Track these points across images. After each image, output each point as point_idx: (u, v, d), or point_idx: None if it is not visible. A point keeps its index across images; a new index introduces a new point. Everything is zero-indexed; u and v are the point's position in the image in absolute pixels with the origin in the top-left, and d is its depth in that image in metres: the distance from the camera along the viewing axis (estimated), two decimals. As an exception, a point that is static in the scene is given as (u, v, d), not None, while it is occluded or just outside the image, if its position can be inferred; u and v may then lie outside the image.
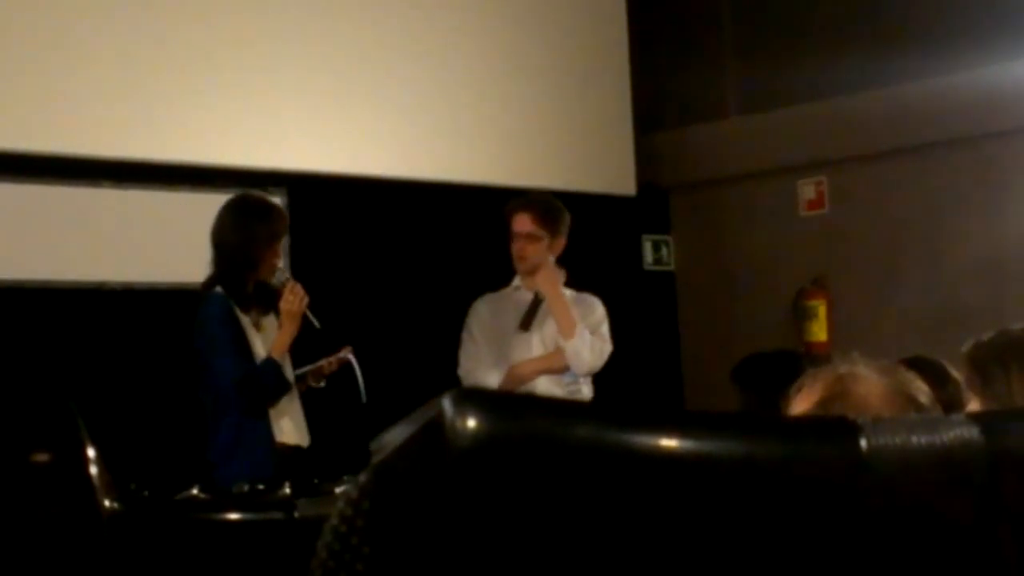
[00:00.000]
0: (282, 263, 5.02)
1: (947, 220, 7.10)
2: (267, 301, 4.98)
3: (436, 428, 0.94)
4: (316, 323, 5.00)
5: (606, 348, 5.51)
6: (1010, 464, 1.02)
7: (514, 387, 5.38)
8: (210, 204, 5.09)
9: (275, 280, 4.98)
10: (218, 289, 4.86)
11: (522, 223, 5.48)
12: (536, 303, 5.48)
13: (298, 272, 6.45)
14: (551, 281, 5.47)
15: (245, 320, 4.89)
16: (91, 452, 1.53)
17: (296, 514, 1.83)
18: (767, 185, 7.81)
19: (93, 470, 1.52)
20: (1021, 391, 2.53)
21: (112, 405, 5.46)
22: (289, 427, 4.96)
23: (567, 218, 5.55)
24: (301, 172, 6.36)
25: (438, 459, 0.94)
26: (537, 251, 5.46)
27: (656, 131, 8.06)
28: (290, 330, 4.93)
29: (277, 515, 1.84)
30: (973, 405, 2.62)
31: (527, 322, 5.48)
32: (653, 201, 8.11)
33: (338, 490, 1.83)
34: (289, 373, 4.98)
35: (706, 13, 8.14)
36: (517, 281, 5.58)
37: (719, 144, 7.98)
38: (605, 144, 7.53)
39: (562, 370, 5.45)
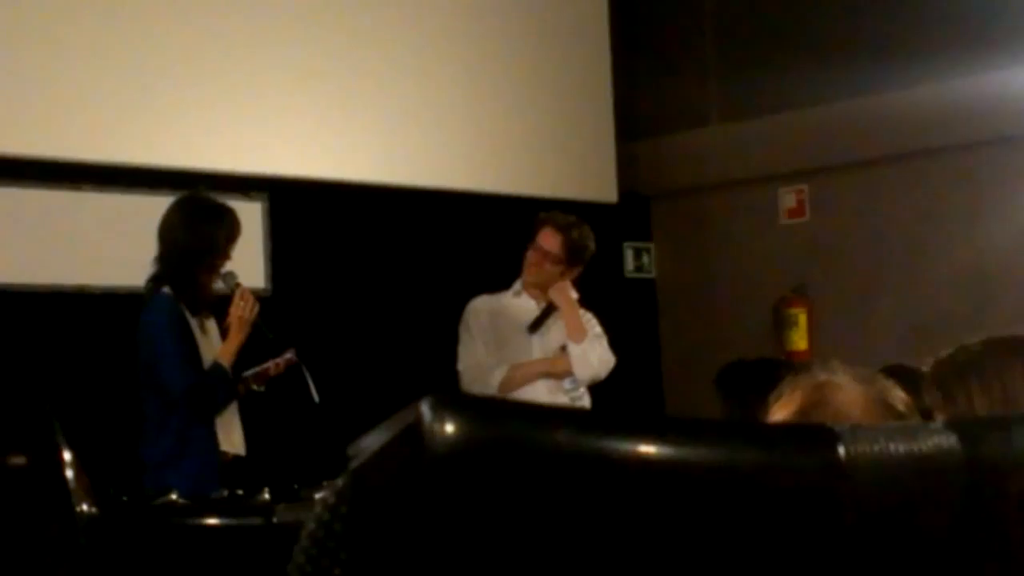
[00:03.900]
0: (231, 267, 4.93)
1: (928, 229, 7.12)
2: (210, 305, 4.92)
3: (414, 433, 0.94)
4: (267, 331, 4.97)
5: (611, 359, 5.54)
6: (988, 472, 1.02)
7: (515, 387, 5.37)
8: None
9: (224, 284, 4.91)
10: (165, 289, 4.77)
11: (551, 241, 5.46)
12: (548, 310, 5.49)
13: (278, 278, 6.45)
14: (564, 292, 5.48)
15: (193, 323, 4.81)
16: (67, 456, 1.53)
17: (275, 519, 1.82)
18: (748, 193, 7.82)
19: (69, 474, 1.52)
20: (983, 406, 2.54)
21: (93, 409, 5.44)
22: (234, 435, 4.91)
23: (591, 253, 5.55)
24: (282, 177, 6.36)
25: (416, 464, 0.93)
26: (551, 272, 5.47)
27: (638, 139, 8.07)
28: (240, 337, 4.85)
29: (256, 520, 1.83)
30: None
31: (536, 325, 5.48)
32: (634, 209, 8.12)
33: (317, 496, 1.83)
34: None
35: (688, 21, 8.16)
36: (518, 286, 5.57)
37: (700, 152, 7.99)
38: (587, 151, 7.53)
39: (564, 375, 5.45)
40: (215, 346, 4.86)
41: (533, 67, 7.32)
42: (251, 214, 6.36)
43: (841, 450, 1.01)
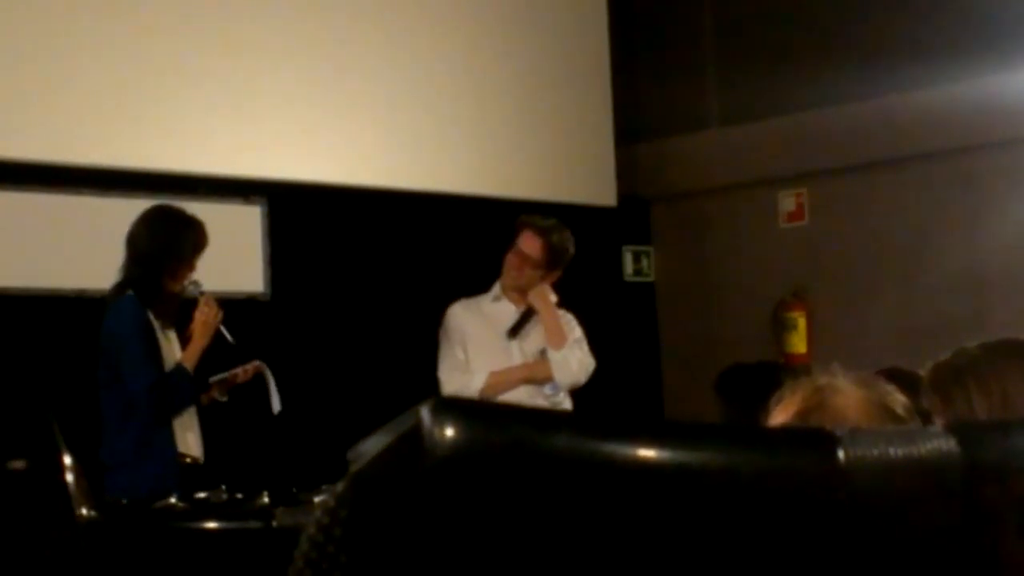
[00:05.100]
0: (196, 275, 4.98)
1: (926, 232, 7.13)
2: (173, 314, 4.96)
3: (414, 437, 0.94)
4: (229, 337, 4.99)
5: (591, 363, 5.53)
6: (988, 475, 1.02)
7: (496, 393, 5.37)
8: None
9: (189, 292, 4.96)
10: (130, 293, 4.83)
11: (532, 246, 5.47)
12: (527, 314, 5.49)
13: (277, 282, 6.45)
14: (544, 296, 5.48)
15: (156, 327, 4.85)
16: (67, 460, 1.53)
17: (274, 523, 1.82)
18: (747, 197, 7.82)
19: (69, 477, 1.52)
20: (982, 409, 2.54)
21: (91, 413, 5.44)
22: (192, 439, 4.94)
23: (570, 256, 5.56)
24: (281, 181, 6.36)
25: (416, 468, 0.94)
26: (531, 276, 5.48)
27: (637, 142, 8.07)
28: (203, 342, 4.91)
29: (255, 524, 1.83)
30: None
31: (515, 330, 5.48)
32: (634, 212, 8.12)
33: (316, 499, 1.83)
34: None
35: (688, 24, 8.16)
36: (497, 290, 5.58)
37: (700, 155, 7.99)
38: (586, 155, 7.53)
39: (545, 380, 5.46)
40: (176, 354, 4.91)
41: (532, 70, 7.32)
42: (250, 218, 6.37)
43: (840, 453, 1.01)
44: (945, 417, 2.58)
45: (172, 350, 4.92)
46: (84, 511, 1.58)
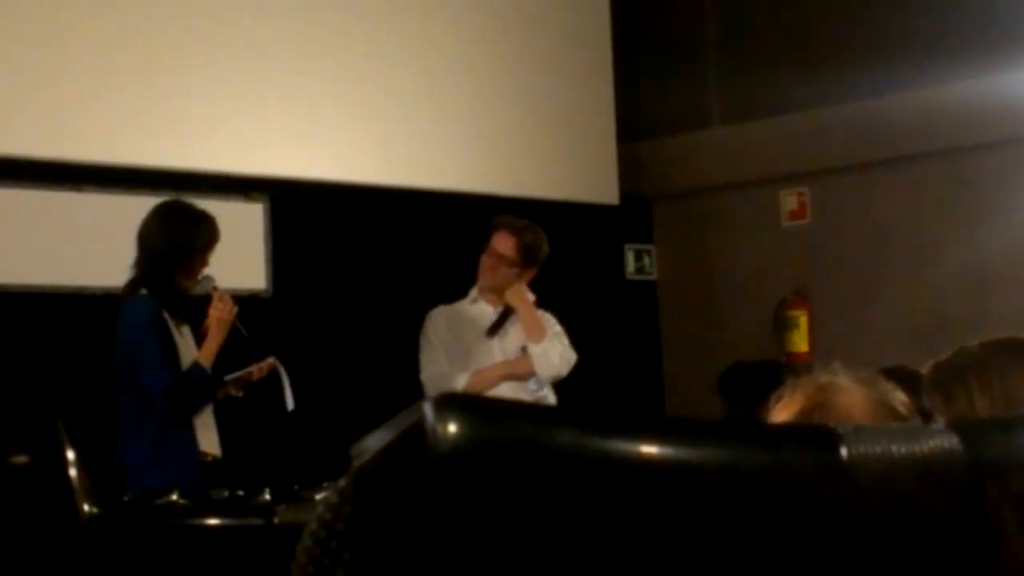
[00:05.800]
0: (209, 271, 4.96)
1: (929, 231, 7.12)
2: (186, 310, 4.95)
3: (417, 433, 0.94)
4: (245, 332, 4.98)
5: (572, 356, 5.54)
6: (990, 473, 1.02)
7: (479, 393, 5.38)
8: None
9: (200, 288, 4.94)
10: (143, 291, 4.80)
11: (504, 245, 5.49)
12: (506, 313, 5.51)
13: (279, 279, 6.45)
14: (520, 294, 5.50)
15: (172, 325, 4.83)
16: (71, 455, 1.53)
17: (276, 520, 1.82)
18: (749, 195, 7.82)
19: (72, 473, 1.52)
20: (983, 407, 2.53)
21: (92, 410, 5.44)
22: (211, 437, 4.93)
23: (545, 255, 5.58)
24: (283, 178, 6.36)
25: (419, 464, 0.94)
26: (506, 275, 5.49)
27: (639, 140, 8.07)
28: (219, 338, 4.88)
29: (257, 521, 1.83)
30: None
31: (495, 329, 5.50)
32: (636, 210, 8.12)
33: (318, 496, 1.83)
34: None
35: (690, 23, 8.16)
36: (474, 293, 5.61)
37: (702, 154, 7.99)
38: (588, 153, 7.53)
39: (527, 376, 5.47)
40: (192, 350, 4.89)
41: (535, 68, 7.32)
42: (252, 215, 6.37)
43: (843, 451, 1.01)
44: (946, 416, 2.58)
45: (187, 346, 4.89)
46: (86, 507, 1.58)
